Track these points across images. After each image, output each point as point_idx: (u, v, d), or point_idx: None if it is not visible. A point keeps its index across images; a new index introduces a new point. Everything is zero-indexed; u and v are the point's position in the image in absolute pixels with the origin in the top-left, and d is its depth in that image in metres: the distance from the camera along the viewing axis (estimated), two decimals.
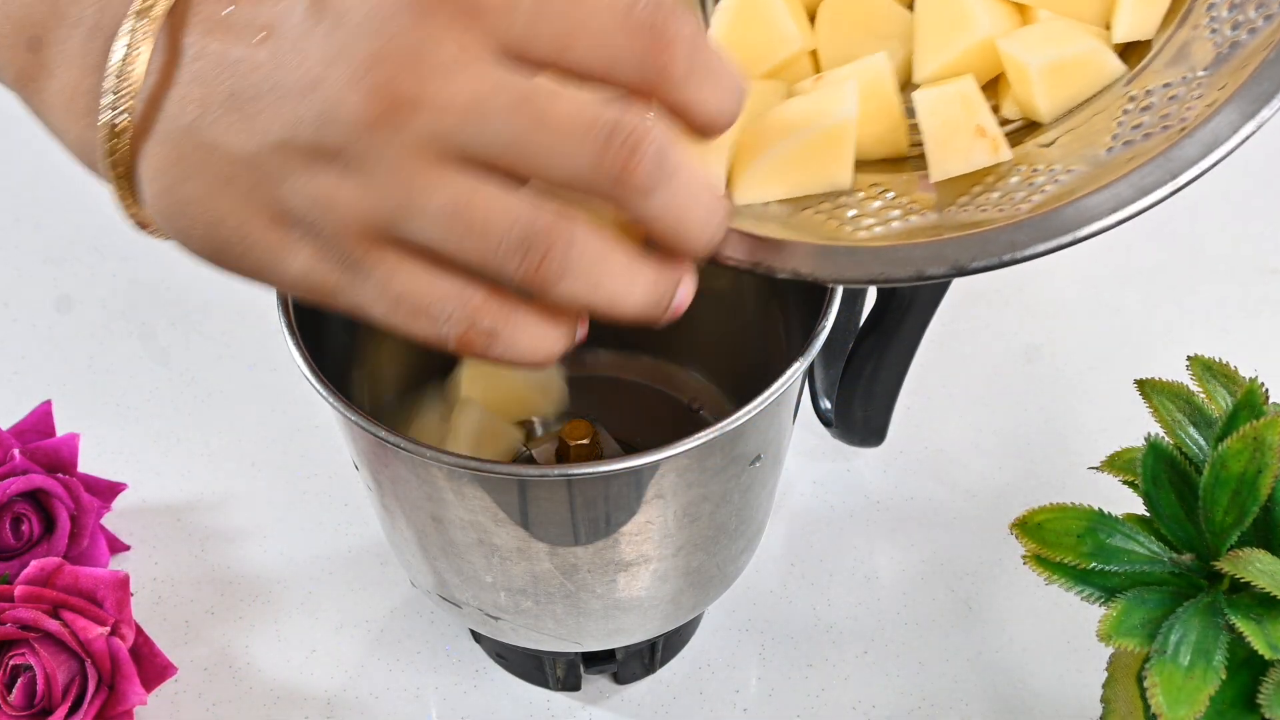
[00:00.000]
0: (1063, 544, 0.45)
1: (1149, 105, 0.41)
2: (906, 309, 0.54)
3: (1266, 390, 0.45)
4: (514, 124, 0.34)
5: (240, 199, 0.36)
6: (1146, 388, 0.47)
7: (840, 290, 0.48)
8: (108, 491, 0.61)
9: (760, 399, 0.45)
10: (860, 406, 0.58)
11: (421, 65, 0.34)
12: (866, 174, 0.44)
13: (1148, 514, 0.46)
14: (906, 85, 0.46)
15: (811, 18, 0.47)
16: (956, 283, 0.53)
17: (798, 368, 0.46)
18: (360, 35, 0.34)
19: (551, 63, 0.35)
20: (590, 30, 0.35)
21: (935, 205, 0.41)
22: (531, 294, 0.36)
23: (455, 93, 0.34)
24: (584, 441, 0.54)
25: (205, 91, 0.35)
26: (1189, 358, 0.48)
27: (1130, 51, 0.43)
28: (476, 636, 0.58)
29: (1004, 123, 0.44)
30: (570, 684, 0.56)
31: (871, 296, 0.57)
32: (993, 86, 0.45)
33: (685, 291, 0.39)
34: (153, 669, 0.54)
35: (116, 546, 0.60)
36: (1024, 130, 0.44)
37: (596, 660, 0.56)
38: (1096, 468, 0.48)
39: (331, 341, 0.53)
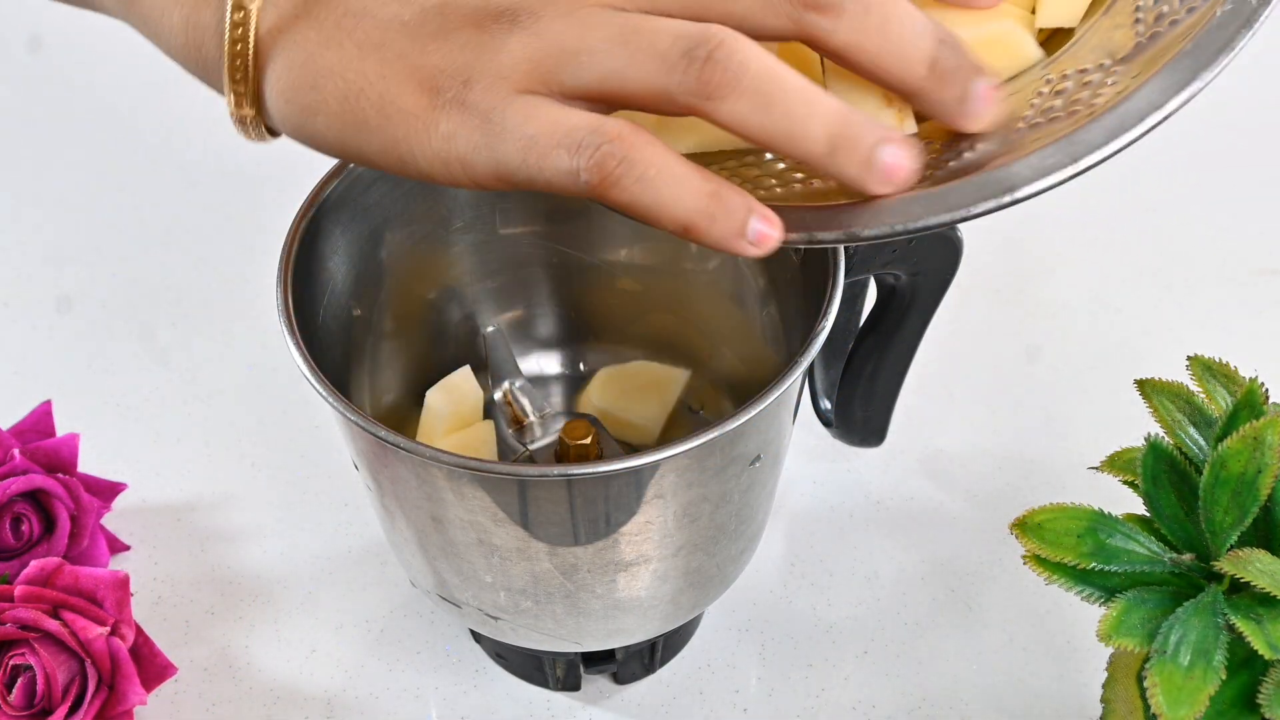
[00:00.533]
0: (1063, 544, 0.45)
1: (1063, 89, 0.41)
2: (907, 309, 0.54)
3: (1266, 390, 0.45)
4: None
5: (385, 65, 0.35)
6: (1146, 388, 0.47)
7: (840, 289, 0.48)
8: (108, 491, 0.61)
9: (760, 399, 0.45)
10: (860, 406, 0.58)
11: None
12: None
13: (1148, 514, 0.46)
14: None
15: None
16: (957, 282, 0.53)
17: (798, 368, 0.46)
18: None
19: None
20: None
21: None
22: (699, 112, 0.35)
23: None
24: (584, 441, 0.54)
25: None
26: (1189, 358, 0.48)
27: (1054, 37, 0.43)
28: (476, 636, 0.58)
29: None
30: (570, 684, 0.56)
31: (871, 296, 0.57)
32: None
33: (895, 153, 0.36)
34: (153, 669, 0.54)
35: (116, 546, 0.60)
36: None
37: (596, 660, 0.56)
38: (1096, 468, 0.48)
39: (331, 341, 0.53)
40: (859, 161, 0.36)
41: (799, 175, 0.41)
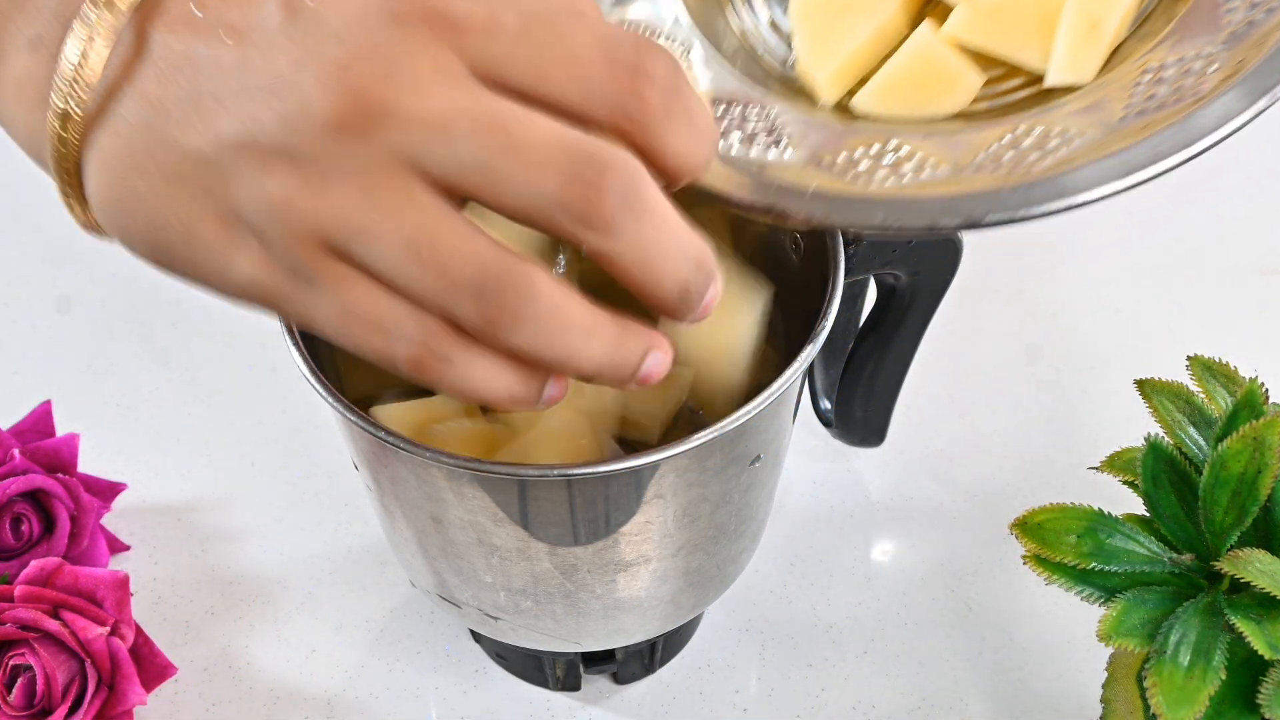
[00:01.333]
0: (1063, 544, 0.45)
1: (1163, 78, 0.41)
2: (907, 309, 0.54)
3: (1266, 390, 0.45)
4: (481, 145, 0.33)
5: (189, 197, 0.35)
6: (1146, 388, 0.47)
7: (840, 289, 0.48)
8: (108, 491, 0.61)
9: (760, 399, 0.45)
10: (860, 406, 0.58)
11: (395, 75, 0.33)
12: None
13: (1148, 514, 0.46)
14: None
15: None
16: (957, 282, 0.53)
17: (798, 368, 0.46)
18: (335, 40, 0.33)
19: (527, 90, 0.34)
20: (570, 61, 0.34)
21: (950, 161, 0.42)
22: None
23: (426, 107, 0.33)
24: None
25: (164, 88, 0.34)
26: (1189, 358, 0.48)
27: (1145, 24, 0.44)
28: (476, 636, 0.58)
29: (1019, 86, 0.45)
30: (570, 684, 0.56)
31: (871, 296, 0.57)
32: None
33: (655, 360, 0.37)
34: (153, 669, 0.54)
35: (116, 546, 0.60)
36: (1040, 95, 0.44)
37: (596, 660, 0.56)
38: (1096, 468, 0.48)
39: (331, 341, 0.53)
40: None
41: (910, 166, 0.42)
